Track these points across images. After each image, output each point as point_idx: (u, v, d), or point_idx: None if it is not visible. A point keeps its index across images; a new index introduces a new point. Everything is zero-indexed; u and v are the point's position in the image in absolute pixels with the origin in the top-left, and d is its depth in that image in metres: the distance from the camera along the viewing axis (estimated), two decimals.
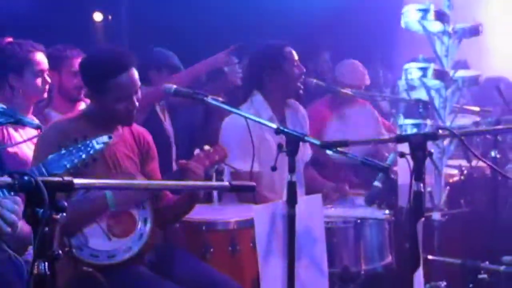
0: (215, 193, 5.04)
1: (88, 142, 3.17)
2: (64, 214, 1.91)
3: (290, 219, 3.49)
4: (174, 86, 4.14)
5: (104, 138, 3.19)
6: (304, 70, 5.35)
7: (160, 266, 4.03)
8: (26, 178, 1.89)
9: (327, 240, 4.10)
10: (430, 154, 3.37)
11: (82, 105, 5.25)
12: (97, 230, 3.81)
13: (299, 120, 5.43)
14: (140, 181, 3.80)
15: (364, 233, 4.50)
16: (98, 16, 12.05)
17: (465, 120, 5.42)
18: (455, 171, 5.75)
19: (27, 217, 1.91)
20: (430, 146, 4.10)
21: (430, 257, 4.80)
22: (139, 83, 4.04)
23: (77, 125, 3.96)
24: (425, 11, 4.93)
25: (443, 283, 4.78)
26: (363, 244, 4.49)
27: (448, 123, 5.09)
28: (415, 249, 3.26)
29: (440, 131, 3.81)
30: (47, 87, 4.63)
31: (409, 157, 3.33)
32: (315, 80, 5.44)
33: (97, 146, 3.17)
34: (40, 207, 1.89)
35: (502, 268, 4.13)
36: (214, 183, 3.86)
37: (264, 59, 5.34)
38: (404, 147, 3.39)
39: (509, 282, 4.64)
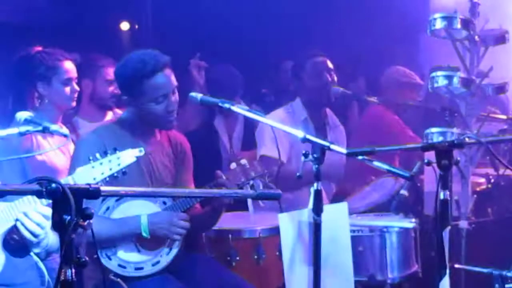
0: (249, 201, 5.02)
1: (118, 155, 3.16)
2: (91, 221, 1.93)
3: (316, 227, 3.48)
4: (200, 95, 4.17)
5: (135, 152, 3.18)
6: (333, 79, 5.40)
7: (185, 274, 4.03)
8: (53, 185, 1.90)
9: (353, 248, 4.08)
10: (457, 162, 3.36)
11: (110, 114, 5.29)
12: (128, 241, 3.85)
13: (337, 136, 5.51)
14: (169, 189, 3.82)
15: (390, 242, 4.48)
16: (125, 26, 12.21)
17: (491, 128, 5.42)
18: (482, 179, 5.71)
19: (54, 224, 1.93)
20: (457, 154, 4.14)
21: (457, 266, 4.73)
22: (175, 83, 4.08)
23: (114, 133, 4.02)
24: (451, 18, 4.93)
25: None
26: (389, 252, 4.47)
27: (474, 131, 5.09)
28: (441, 258, 3.25)
29: (467, 139, 3.79)
30: (75, 95, 4.62)
31: (435, 165, 3.33)
32: (341, 89, 5.44)
33: (127, 161, 3.16)
34: (67, 214, 1.91)
35: None
36: (240, 190, 3.84)
37: (293, 68, 5.51)
38: (431, 155, 3.38)
39: None
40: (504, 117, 5.71)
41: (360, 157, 3.62)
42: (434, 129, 4.88)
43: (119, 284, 3.74)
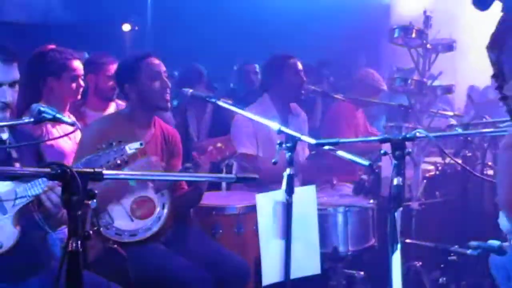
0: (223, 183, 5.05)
1: (122, 147, 3.17)
2: (95, 200, 1.94)
3: (288, 206, 3.49)
4: (191, 90, 4.18)
5: (136, 145, 3.19)
6: (305, 79, 5.38)
7: (175, 243, 4.03)
8: (63, 168, 1.91)
9: (320, 224, 4.06)
10: (409, 153, 3.37)
11: (112, 106, 5.28)
12: (122, 213, 3.85)
13: (299, 123, 5.42)
14: (159, 173, 3.81)
15: (352, 219, 4.49)
16: (126, 27, 12.17)
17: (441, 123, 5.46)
18: (431, 167, 5.75)
19: (63, 202, 1.93)
20: (410, 145, 4.17)
21: (408, 240, 4.85)
22: (164, 67, 4.11)
23: (115, 125, 4.01)
24: (407, 29, 4.98)
25: (419, 263, 4.82)
26: (350, 228, 4.48)
27: (426, 126, 5.14)
28: (394, 234, 3.26)
29: (417, 134, 3.81)
30: (81, 90, 4.62)
31: (390, 155, 3.35)
32: (312, 87, 5.44)
33: (129, 151, 3.17)
34: (74, 194, 1.91)
35: (469, 251, 4.13)
36: (222, 175, 3.85)
37: (271, 65, 5.41)
38: (387, 147, 3.40)
39: (474, 263, 4.67)
40: (451, 113, 5.76)
41: (326, 147, 3.64)
42: (391, 124, 4.93)
43: (117, 250, 3.75)
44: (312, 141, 3.63)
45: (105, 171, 2.00)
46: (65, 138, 4.40)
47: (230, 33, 10.42)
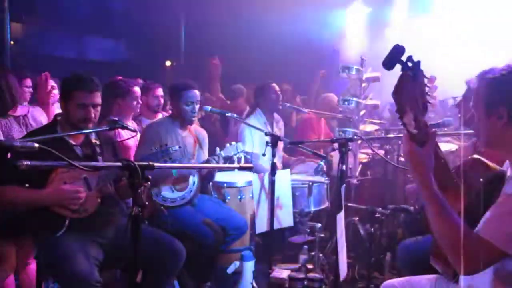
0: None
1: (168, 148, 3.21)
2: (149, 183, 1.95)
3: (272, 182, 3.56)
4: (210, 107, 4.21)
5: (176, 147, 3.23)
6: (281, 97, 5.38)
7: (200, 206, 4.04)
8: (129, 163, 1.94)
9: (293, 193, 4.17)
10: (349, 149, 3.43)
11: (159, 115, 5.30)
12: (166, 186, 3.89)
13: (280, 128, 5.44)
14: (192, 164, 3.83)
15: (313, 190, 4.47)
16: (168, 63, 12.14)
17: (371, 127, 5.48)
18: (365, 156, 5.73)
19: (130, 184, 1.94)
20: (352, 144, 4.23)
21: (349, 204, 4.87)
22: (199, 97, 4.07)
23: (165, 126, 4.00)
24: (350, 68, 5.03)
25: (356, 219, 4.83)
26: (312, 195, 4.46)
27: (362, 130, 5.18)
28: (339, 200, 3.31)
29: (356, 136, 3.86)
30: (139, 105, 4.66)
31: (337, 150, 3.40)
32: (288, 104, 5.46)
33: (172, 151, 3.21)
34: (136, 179, 1.94)
35: (388, 211, 4.18)
36: (231, 165, 3.82)
37: (259, 89, 5.37)
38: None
39: (391, 219, 4.70)
40: (378, 121, 5.76)
41: (299, 146, 3.70)
42: (340, 129, 4.96)
43: (162, 211, 3.79)
44: (287, 140, 3.69)
45: (156, 164, 2.02)
46: (128, 135, 4.46)
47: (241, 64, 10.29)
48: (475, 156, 2.36)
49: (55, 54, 10.32)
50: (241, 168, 2.58)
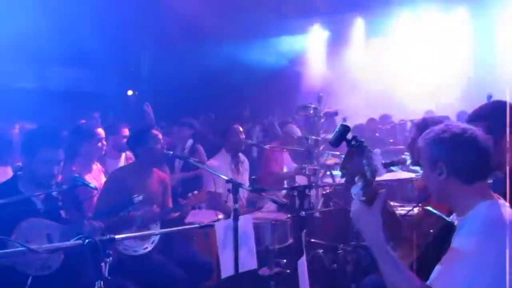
0: None
1: (132, 199, 3.19)
2: (110, 258, 1.97)
3: (235, 228, 3.58)
4: (171, 152, 4.24)
5: (140, 197, 3.23)
6: (244, 137, 5.45)
7: (164, 250, 4.01)
8: (90, 240, 1.94)
9: (256, 232, 4.01)
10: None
11: (123, 155, 5.29)
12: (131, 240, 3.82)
13: (244, 166, 5.50)
14: (152, 231, 3.78)
15: (277, 228, 4.50)
16: (130, 92, 12.11)
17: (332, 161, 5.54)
18: (327, 187, 5.69)
19: (91, 260, 1.95)
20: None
21: (312, 240, 4.79)
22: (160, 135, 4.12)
23: (128, 173, 4.01)
24: (307, 107, 5.13)
25: (321, 251, 4.82)
26: (276, 234, 4.49)
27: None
28: (300, 244, 3.34)
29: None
30: (104, 147, 4.67)
31: None
32: (249, 141, 5.53)
33: (136, 202, 3.21)
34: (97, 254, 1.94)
35: (349, 248, 4.23)
36: (193, 225, 3.78)
37: (223, 132, 5.46)
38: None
39: (353, 256, 4.73)
40: (338, 153, 5.82)
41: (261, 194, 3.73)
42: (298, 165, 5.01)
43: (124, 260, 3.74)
44: (248, 188, 3.74)
45: (117, 236, 2.04)
46: (93, 179, 4.44)
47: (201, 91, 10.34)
48: (426, 207, 2.48)
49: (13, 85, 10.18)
50: (203, 227, 2.61)
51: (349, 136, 1.99)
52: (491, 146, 2.07)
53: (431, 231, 2.32)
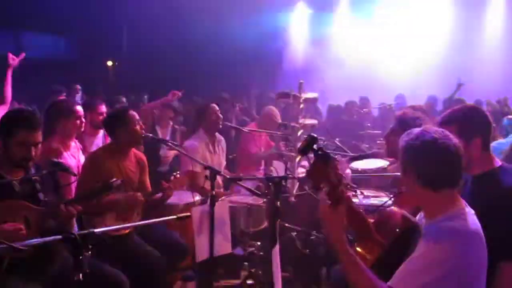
0: None
1: (111, 182, 3.22)
2: (90, 252, 2.02)
3: (211, 214, 3.66)
4: (150, 135, 4.28)
5: (118, 181, 3.27)
6: (222, 117, 5.45)
7: (143, 231, 4.07)
8: (70, 235, 1.99)
9: (231, 215, 4.14)
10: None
11: (101, 132, 5.29)
12: (110, 215, 3.91)
13: (221, 146, 5.52)
14: (129, 223, 3.76)
15: (252, 212, 4.59)
16: (109, 63, 11.94)
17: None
18: (302, 170, 5.76)
19: (71, 253, 2.01)
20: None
21: (286, 224, 4.78)
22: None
23: (106, 155, 4.03)
24: (287, 95, 5.18)
25: (294, 234, 4.89)
26: (251, 217, 4.59)
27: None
28: (274, 234, 3.40)
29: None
30: (82, 125, 4.63)
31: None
32: (229, 124, 5.58)
33: (115, 185, 3.24)
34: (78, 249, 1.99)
35: (321, 235, 4.33)
36: (171, 217, 3.87)
37: (200, 111, 5.46)
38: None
39: (325, 242, 4.79)
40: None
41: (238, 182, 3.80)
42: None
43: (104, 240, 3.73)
44: (227, 176, 3.82)
45: (96, 230, 2.09)
46: (71, 157, 4.46)
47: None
48: (393, 207, 2.60)
49: None
50: (179, 218, 2.69)
51: (316, 146, 2.19)
52: (462, 154, 2.16)
53: (397, 230, 2.45)
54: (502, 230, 2.26)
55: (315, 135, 2.25)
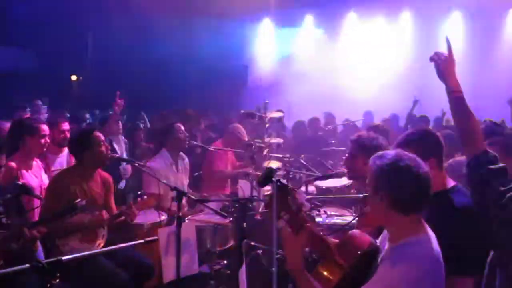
0: None
1: (75, 204, 3.22)
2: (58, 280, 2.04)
3: (178, 235, 3.69)
4: (116, 155, 4.29)
5: (83, 202, 3.27)
6: (187, 135, 5.46)
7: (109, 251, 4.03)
8: (37, 264, 1.97)
9: (198, 234, 4.20)
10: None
11: (65, 150, 5.24)
12: (74, 237, 3.88)
13: (184, 165, 5.52)
14: (95, 250, 3.78)
15: (219, 231, 4.62)
16: (74, 77, 11.79)
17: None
18: (268, 188, 5.85)
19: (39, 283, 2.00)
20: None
21: (252, 243, 4.74)
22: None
23: (71, 176, 4.02)
24: (253, 115, 5.25)
25: (260, 252, 4.90)
26: (218, 236, 4.61)
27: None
28: (240, 254, 3.47)
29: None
30: (47, 144, 4.60)
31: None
32: (194, 142, 5.61)
33: (79, 207, 3.24)
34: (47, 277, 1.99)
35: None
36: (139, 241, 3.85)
37: (164, 130, 5.45)
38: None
39: None
40: (281, 156, 5.98)
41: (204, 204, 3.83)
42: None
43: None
44: (194, 198, 3.86)
45: (64, 258, 2.10)
46: (33, 176, 4.41)
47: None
48: (355, 230, 2.69)
49: None
50: (147, 242, 2.72)
51: (275, 177, 2.28)
52: (431, 181, 2.24)
53: (359, 252, 2.54)
54: (453, 248, 2.35)
55: (273, 167, 2.36)
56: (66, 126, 5.28)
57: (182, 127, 5.42)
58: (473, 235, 2.49)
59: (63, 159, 5.27)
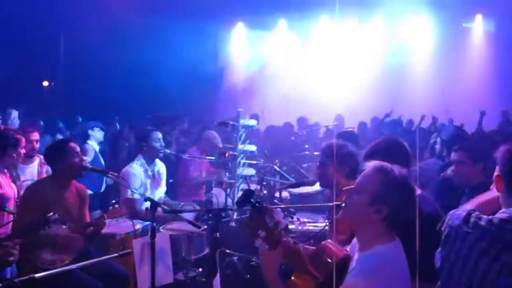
0: None
1: (48, 217, 3.21)
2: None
3: (152, 245, 3.67)
4: (90, 167, 4.30)
5: (56, 215, 3.27)
6: (164, 144, 5.49)
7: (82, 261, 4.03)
8: (9, 282, 1.99)
9: (173, 243, 4.14)
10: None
11: (37, 159, 5.22)
12: (47, 248, 3.87)
13: (160, 172, 5.52)
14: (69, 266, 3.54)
15: (193, 239, 4.66)
16: (45, 83, 11.65)
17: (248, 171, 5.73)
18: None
19: None
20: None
21: (227, 251, 4.96)
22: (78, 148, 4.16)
23: (45, 188, 4.01)
24: (226, 124, 5.29)
25: (235, 258, 5.01)
26: (193, 244, 4.65)
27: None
28: (214, 264, 3.51)
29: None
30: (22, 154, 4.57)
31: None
32: (168, 151, 5.64)
33: (52, 220, 3.24)
34: None
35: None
36: (113, 255, 3.88)
37: (142, 138, 5.46)
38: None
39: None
40: (254, 162, 6.05)
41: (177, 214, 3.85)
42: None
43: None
44: (167, 209, 3.89)
45: (37, 275, 2.12)
46: (9, 186, 4.40)
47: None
48: (328, 240, 2.77)
49: None
50: (122, 255, 2.75)
51: (253, 199, 2.38)
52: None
53: (329, 261, 2.61)
54: (421, 254, 2.38)
55: (252, 189, 2.45)
56: (35, 136, 5.28)
57: (160, 135, 5.44)
58: (438, 242, 2.58)
59: (34, 169, 5.25)
